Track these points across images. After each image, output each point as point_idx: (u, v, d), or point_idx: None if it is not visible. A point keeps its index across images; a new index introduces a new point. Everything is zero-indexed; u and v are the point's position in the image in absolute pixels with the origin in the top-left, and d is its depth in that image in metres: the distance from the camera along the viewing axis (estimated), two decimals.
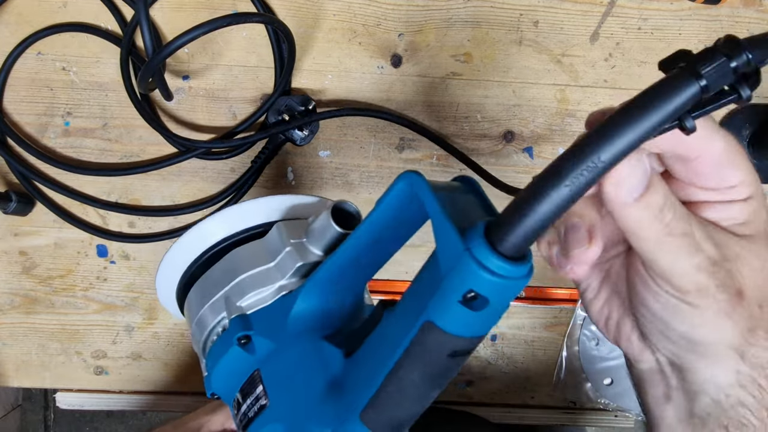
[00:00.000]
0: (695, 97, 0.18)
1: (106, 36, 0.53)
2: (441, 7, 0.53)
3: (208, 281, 0.35)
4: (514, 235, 0.19)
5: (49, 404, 1.36)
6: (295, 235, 0.33)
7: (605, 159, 0.18)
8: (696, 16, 0.54)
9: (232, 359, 0.31)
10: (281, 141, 0.53)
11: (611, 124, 0.18)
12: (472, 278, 0.20)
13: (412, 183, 0.24)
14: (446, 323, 0.22)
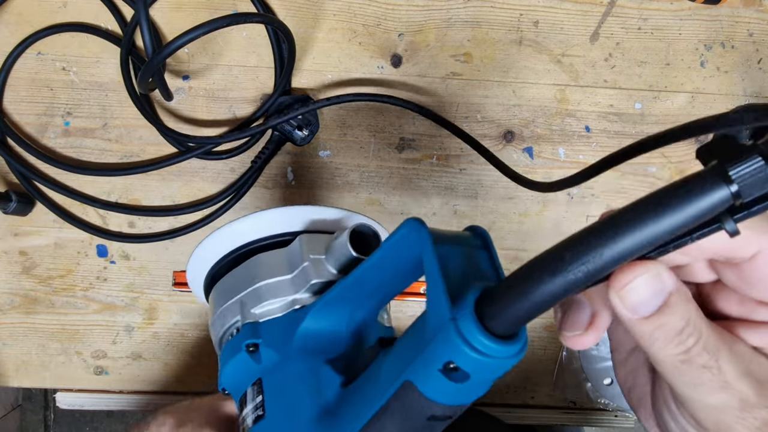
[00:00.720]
0: (725, 202, 0.16)
1: (106, 36, 0.53)
2: (441, 7, 0.53)
3: (230, 281, 0.35)
4: (505, 314, 0.18)
5: (49, 404, 1.36)
6: (316, 251, 0.33)
7: (608, 256, 0.16)
8: (696, 16, 0.54)
9: (240, 363, 0.31)
10: (281, 141, 0.53)
11: (622, 219, 0.16)
12: (453, 350, 0.19)
13: (413, 233, 0.24)
14: (426, 388, 0.21)
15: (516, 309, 0.18)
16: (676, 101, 0.55)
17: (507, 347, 0.19)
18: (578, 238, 0.17)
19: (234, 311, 0.33)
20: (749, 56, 0.55)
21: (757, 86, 0.55)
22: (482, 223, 0.56)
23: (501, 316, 0.18)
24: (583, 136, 0.55)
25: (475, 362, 0.19)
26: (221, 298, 0.35)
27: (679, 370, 0.20)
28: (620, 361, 0.27)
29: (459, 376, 0.20)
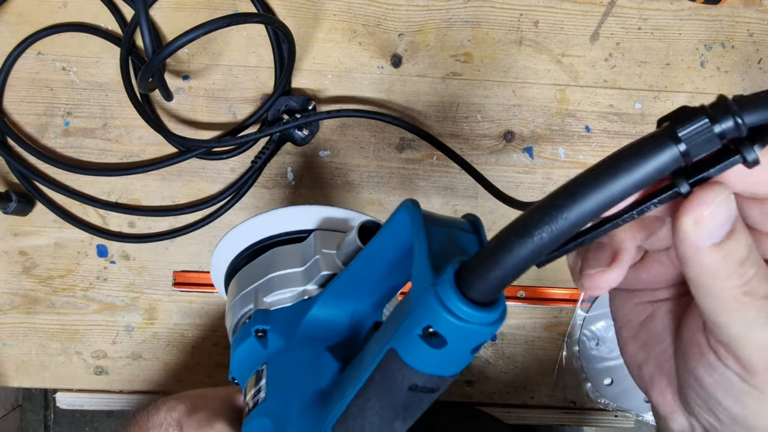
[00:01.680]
0: (675, 161, 0.17)
1: (106, 36, 0.53)
2: (441, 7, 0.53)
3: (248, 272, 0.37)
4: (480, 281, 0.19)
5: (49, 404, 1.36)
6: (328, 246, 0.34)
7: (570, 218, 0.17)
8: (696, 16, 0.54)
9: (248, 348, 0.33)
10: (281, 141, 0.53)
11: (579, 182, 0.17)
12: (432, 315, 0.20)
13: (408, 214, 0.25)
14: (406, 354, 0.22)
15: (490, 275, 0.19)
16: (676, 101, 0.55)
17: (483, 314, 0.19)
18: (541, 203, 0.18)
19: (248, 300, 0.35)
20: (749, 56, 0.55)
21: (757, 86, 0.55)
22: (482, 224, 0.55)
23: (477, 282, 0.19)
24: (583, 136, 0.55)
25: (452, 327, 0.20)
26: (238, 287, 0.36)
27: (740, 303, 0.19)
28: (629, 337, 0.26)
29: (437, 342, 0.20)
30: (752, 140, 0.17)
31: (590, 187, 0.17)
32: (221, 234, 0.55)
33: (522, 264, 0.18)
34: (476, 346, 0.22)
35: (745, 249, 0.19)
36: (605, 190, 0.17)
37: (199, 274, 0.56)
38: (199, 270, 0.56)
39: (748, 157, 0.17)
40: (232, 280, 0.38)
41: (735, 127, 0.16)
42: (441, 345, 0.21)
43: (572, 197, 0.17)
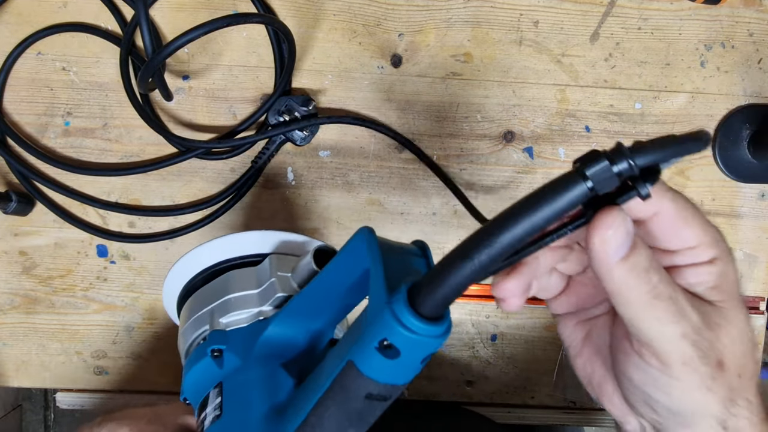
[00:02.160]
0: (585, 196, 0.20)
1: (106, 36, 0.53)
2: (441, 7, 0.53)
3: (202, 295, 0.38)
4: (430, 298, 0.22)
5: (49, 404, 1.36)
6: (284, 269, 0.37)
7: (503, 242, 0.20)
8: (696, 16, 0.54)
9: (204, 368, 0.34)
10: (281, 141, 0.53)
11: (509, 214, 0.20)
12: (387, 328, 0.22)
13: (364, 240, 0.27)
14: (363, 365, 0.24)
15: (438, 293, 0.21)
16: (676, 101, 0.55)
17: (431, 327, 0.22)
18: (480, 231, 0.21)
19: (204, 321, 0.36)
20: (749, 56, 0.55)
21: (757, 86, 0.55)
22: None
23: (427, 300, 0.22)
24: (583, 136, 0.55)
25: (405, 339, 0.22)
26: (193, 309, 0.38)
27: (650, 305, 0.23)
28: (575, 355, 0.30)
29: (392, 353, 0.23)
30: (645, 179, 0.21)
31: (520, 216, 0.20)
32: (221, 234, 0.55)
33: (464, 283, 0.21)
34: (426, 357, 0.24)
35: (646, 260, 0.22)
36: (531, 219, 0.20)
37: None
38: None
39: (641, 192, 0.21)
40: (185, 303, 0.39)
41: (629, 168, 0.20)
42: (395, 356, 0.23)
43: (505, 226, 0.20)
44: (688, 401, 0.24)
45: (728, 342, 0.24)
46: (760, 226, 0.57)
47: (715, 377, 0.23)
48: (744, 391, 0.24)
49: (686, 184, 0.56)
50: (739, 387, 0.24)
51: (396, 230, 0.56)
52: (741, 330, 0.24)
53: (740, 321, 0.24)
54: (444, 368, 0.58)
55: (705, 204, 0.57)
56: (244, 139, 0.52)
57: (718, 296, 0.24)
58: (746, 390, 0.25)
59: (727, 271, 0.25)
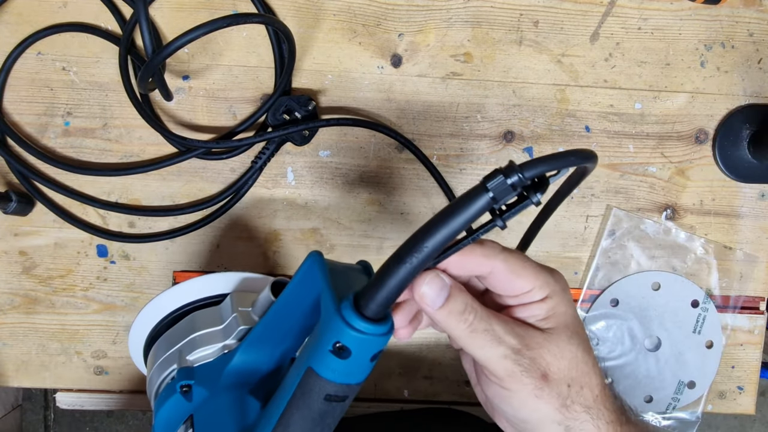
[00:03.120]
0: (488, 204, 0.24)
1: (106, 36, 0.53)
2: (441, 7, 0.53)
3: (167, 338, 0.41)
4: (372, 301, 0.25)
5: (49, 404, 1.36)
6: (244, 305, 0.39)
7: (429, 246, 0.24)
8: (696, 16, 0.54)
9: (174, 405, 0.35)
10: (281, 141, 0.53)
11: (432, 223, 0.24)
12: (338, 332, 0.26)
13: (313, 261, 0.31)
14: (321, 369, 0.27)
15: (379, 295, 0.25)
16: (676, 101, 0.55)
17: (376, 327, 0.26)
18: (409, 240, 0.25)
19: (171, 361, 0.39)
20: (749, 56, 0.55)
21: (757, 86, 0.55)
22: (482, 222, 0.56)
23: (370, 303, 0.25)
24: (583, 136, 0.55)
25: (355, 339, 0.26)
26: (159, 352, 0.40)
27: (471, 337, 0.29)
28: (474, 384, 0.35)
29: (345, 354, 0.26)
30: (536, 189, 0.26)
31: (441, 224, 0.24)
32: (221, 234, 0.55)
33: (400, 284, 0.25)
34: (374, 355, 0.27)
35: (461, 304, 0.29)
36: (450, 225, 0.24)
37: (199, 274, 0.56)
38: (199, 270, 0.56)
39: (533, 200, 0.26)
40: (152, 348, 0.42)
41: (519, 180, 0.24)
42: (347, 356, 0.26)
43: (430, 232, 0.24)
44: (524, 408, 0.30)
45: (551, 359, 0.29)
46: (760, 226, 0.57)
47: (542, 387, 0.29)
48: (578, 398, 0.30)
49: (686, 185, 0.56)
50: (571, 395, 0.30)
51: (396, 230, 0.56)
52: (565, 349, 0.30)
53: (565, 342, 0.30)
54: (443, 368, 0.58)
55: (705, 204, 0.57)
56: (244, 141, 0.52)
57: (547, 324, 0.31)
58: (581, 397, 0.30)
59: (558, 304, 0.31)
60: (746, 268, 0.57)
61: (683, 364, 0.58)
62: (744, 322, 0.58)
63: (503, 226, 0.27)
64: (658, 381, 0.58)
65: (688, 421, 0.59)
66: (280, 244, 0.56)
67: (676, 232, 0.57)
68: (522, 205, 0.26)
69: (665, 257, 0.57)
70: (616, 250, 0.56)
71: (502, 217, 0.27)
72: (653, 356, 0.57)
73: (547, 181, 0.26)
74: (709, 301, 0.57)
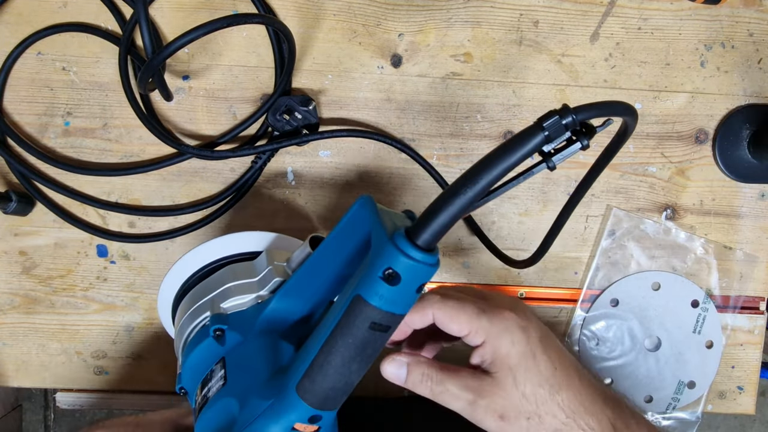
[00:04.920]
0: (542, 142, 0.26)
1: (106, 36, 0.53)
2: (441, 7, 0.53)
3: (200, 290, 0.41)
4: (424, 231, 0.26)
5: (49, 404, 1.36)
6: (280, 260, 0.40)
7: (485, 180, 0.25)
8: (696, 16, 0.54)
9: (205, 348, 0.36)
10: None
11: (488, 157, 0.26)
12: (390, 258, 0.27)
13: (365, 202, 0.31)
14: (369, 295, 0.27)
15: (433, 224, 0.26)
16: (676, 101, 0.55)
17: (427, 255, 0.27)
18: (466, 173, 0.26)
19: (204, 309, 0.39)
20: (749, 56, 0.55)
21: (757, 86, 0.55)
22: (482, 223, 0.56)
23: (422, 232, 0.26)
24: None
25: (406, 265, 0.26)
26: (192, 302, 0.41)
27: (434, 397, 0.35)
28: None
29: (394, 280, 0.27)
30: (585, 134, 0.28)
31: (497, 159, 0.25)
32: (221, 234, 0.55)
33: (453, 216, 0.26)
34: (421, 285, 0.28)
35: (418, 377, 0.35)
36: (506, 160, 0.25)
37: None
38: None
39: (582, 143, 0.29)
40: (183, 300, 0.42)
41: (572, 121, 0.26)
42: (396, 282, 0.27)
43: (485, 167, 0.25)
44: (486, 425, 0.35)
45: (503, 401, 0.34)
46: (760, 226, 0.57)
47: (502, 426, 0.34)
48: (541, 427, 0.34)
49: (686, 185, 0.56)
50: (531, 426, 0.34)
51: None
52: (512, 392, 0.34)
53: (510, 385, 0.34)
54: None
55: (705, 204, 0.57)
56: (236, 152, 0.52)
57: (494, 369, 0.35)
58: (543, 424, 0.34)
59: (498, 347, 0.35)
60: (746, 268, 0.57)
61: (683, 364, 0.58)
62: (744, 322, 0.58)
63: (553, 166, 0.29)
64: (658, 381, 0.58)
65: (688, 421, 0.59)
66: None
67: (676, 232, 0.57)
68: (571, 149, 0.29)
69: (665, 257, 0.57)
70: (616, 250, 0.56)
71: (553, 158, 0.29)
72: (653, 356, 0.57)
73: (594, 128, 0.28)
74: (709, 301, 0.57)
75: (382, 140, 0.53)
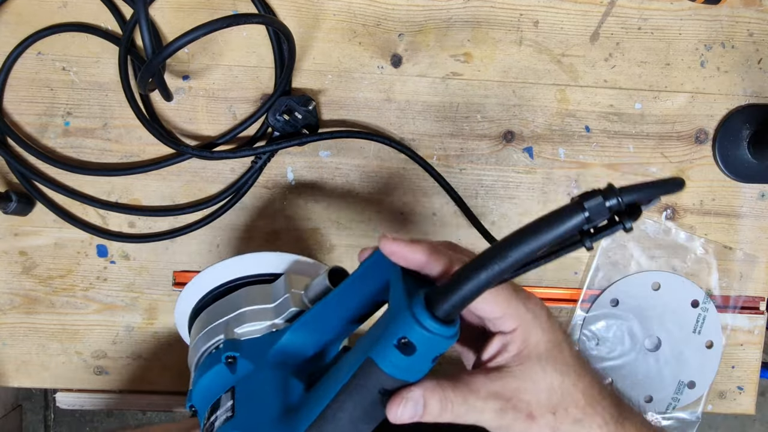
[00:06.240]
0: (582, 223, 0.24)
1: (106, 36, 0.53)
2: (441, 7, 0.53)
3: (215, 309, 0.41)
4: (445, 303, 0.26)
5: (49, 404, 1.36)
6: (297, 287, 0.39)
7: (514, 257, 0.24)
8: (696, 16, 0.54)
9: (216, 374, 0.36)
10: None
11: (520, 233, 0.24)
12: (406, 327, 0.26)
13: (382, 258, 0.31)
14: (382, 361, 0.27)
15: (453, 298, 0.25)
16: (676, 101, 0.55)
17: (445, 328, 0.26)
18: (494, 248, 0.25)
19: (217, 331, 0.39)
20: (749, 56, 0.55)
21: (757, 86, 0.55)
22: (483, 223, 0.56)
23: (442, 304, 0.26)
24: (583, 136, 0.55)
25: (423, 337, 0.26)
26: (207, 322, 0.40)
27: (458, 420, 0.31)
28: None
29: (409, 350, 0.26)
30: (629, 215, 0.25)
31: (530, 236, 0.24)
32: (221, 234, 0.55)
33: (477, 288, 0.25)
34: (436, 356, 0.27)
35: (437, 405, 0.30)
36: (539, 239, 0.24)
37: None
38: (199, 270, 0.56)
39: (626, 226, 0.25)
40: (198, 317, 0.42)
41: (617, 203, 0.24)
42: (411, 353, 0.26)
43: (516, 243, 0.24)
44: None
45: (530, 397, 0.31)
46: (760, 226, 0.57)
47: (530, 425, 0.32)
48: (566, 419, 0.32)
49: (687, 185, 0.56)
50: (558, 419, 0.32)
51: (396, 230, 0.56)
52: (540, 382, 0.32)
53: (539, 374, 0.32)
54: (443, 368, 0.58)
55: (705, 204, 0.57)
56: (236, 153, 0.52)
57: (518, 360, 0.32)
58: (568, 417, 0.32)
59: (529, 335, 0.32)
60: (746, 268, 0.57)
61: (683, 364, 0.58)
62: (744, 322, 0.58)
63: (590, 247, 0.26)
64: (658, 381, 0.58)
65: (688, 421, 0.59)
66: (280, 244, 0.56)
67: (676, 232, 0.57)
68: (612, 230, 0.26)
69: (665, 257, 0.57)
70: (616, 250, 0.56)
71: (591, 239, 0.26)
72: (653, 356, 0.57)
73: (639, 208, 0.25)
74: (709, 301, 0.57)
75: (382, 140, 0.53)
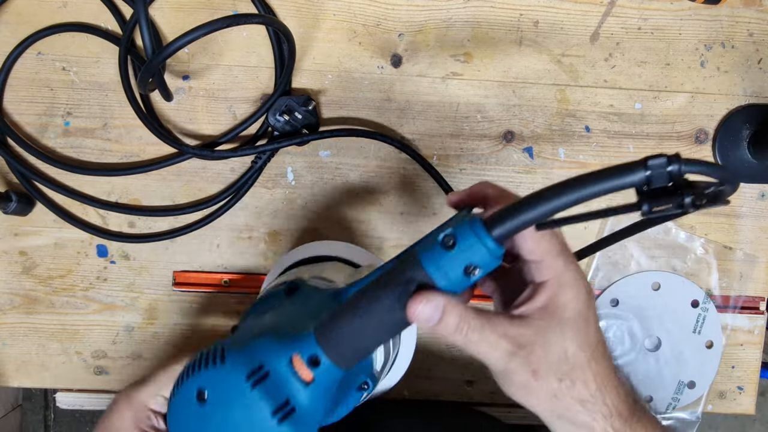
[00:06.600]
0: (641, 180, 0.25)
1: (106, 36, 0.53)
2: (441, 7, 0.53)
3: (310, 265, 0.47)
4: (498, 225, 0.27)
5: (49, 404, 1.36)
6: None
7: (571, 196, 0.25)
8: (696, 16, 0.54)
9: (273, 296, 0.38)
10: None
11: (583, 176, 0.25)
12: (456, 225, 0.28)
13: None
14: (424, 256, 0.29)
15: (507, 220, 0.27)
16: (676, 101, 0.55)
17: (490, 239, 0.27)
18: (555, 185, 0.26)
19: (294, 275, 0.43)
20: (749, 56, 0.55)
21: (757, 86, 0.55)
22: None
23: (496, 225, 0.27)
24: (583, 136, 0.55)
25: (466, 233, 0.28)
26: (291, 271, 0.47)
27: (469, 344, 0.31)
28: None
29: (450, 245, 0.28)
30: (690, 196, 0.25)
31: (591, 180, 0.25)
32: (221, 234, 0.55)
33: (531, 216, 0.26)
34: (469, 265, 0.28)
35: (455, 319, 0.30)
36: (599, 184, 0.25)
37: (199, 274, 0.56)
38: (199, 270, 0.56)
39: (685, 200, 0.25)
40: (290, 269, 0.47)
41: (678, 170, 0.25)
42: (452, 247, 0.28)
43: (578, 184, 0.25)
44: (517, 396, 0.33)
45: (542, 354, 0.31)
46: (760, 226, 0.57)
47: (531, 382, 0.32)
48: (570, 392, 0.32)
49: None
50: (561, 389, 0.32)
51: (396, 230, 0.56)
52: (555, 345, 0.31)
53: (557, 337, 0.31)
54: (444, 368, 0.58)
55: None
56: (237, 152, 0.52)
57: (540, 315, 0.31)
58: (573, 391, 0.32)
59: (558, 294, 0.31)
60: (746, 268, 0.57)
61: (683, 364, 0.58)
62: (744, 322, 0.58)
63: (648, 211, 0.27)
64: (658, 381, 0.58)
65: (688, 421, 0.59)
66: (280, 244, 0.56)
67: (676, 232, 0.57)
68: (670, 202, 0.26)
69: (665, 257, 0.57)
70: (616, 250, 0.56)
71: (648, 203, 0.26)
72: (653, 356, 0.57)
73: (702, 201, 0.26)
74: (709, 301, 0.57)
75: (382, 140, 0.53)
